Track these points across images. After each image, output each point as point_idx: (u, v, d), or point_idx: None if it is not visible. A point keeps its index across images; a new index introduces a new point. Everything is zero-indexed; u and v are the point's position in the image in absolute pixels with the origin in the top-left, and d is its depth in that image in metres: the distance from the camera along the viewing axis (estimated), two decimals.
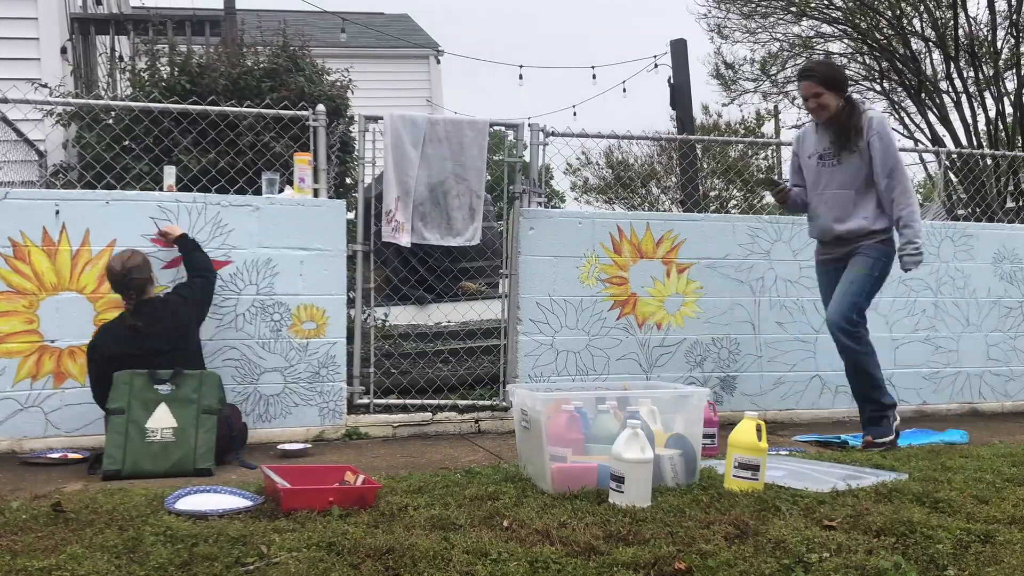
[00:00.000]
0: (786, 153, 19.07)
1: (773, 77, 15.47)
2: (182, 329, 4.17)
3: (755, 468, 3.16)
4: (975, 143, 12.74)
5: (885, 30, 13.53)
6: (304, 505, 2.80)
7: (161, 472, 3.73)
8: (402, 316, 6.03)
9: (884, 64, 13.99)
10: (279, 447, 4.38)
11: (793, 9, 14.04)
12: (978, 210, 8.02)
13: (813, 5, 13.90)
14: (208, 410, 3.95)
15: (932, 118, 13.47)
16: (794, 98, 15.77)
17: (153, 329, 4.06)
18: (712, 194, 21.15)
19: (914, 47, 13.49)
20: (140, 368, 3.94)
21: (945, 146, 12.43)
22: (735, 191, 21.97)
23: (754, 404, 5.42)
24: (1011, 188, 10.80)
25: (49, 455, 4.18)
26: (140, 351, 4.01)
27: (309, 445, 4.52)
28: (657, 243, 5.39)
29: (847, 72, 14.83)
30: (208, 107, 5.13)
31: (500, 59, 39.60)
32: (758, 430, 3.18)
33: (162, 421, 3.87)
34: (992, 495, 3.09)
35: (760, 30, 14.70)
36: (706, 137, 18.15)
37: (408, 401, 5.20)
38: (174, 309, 4.19)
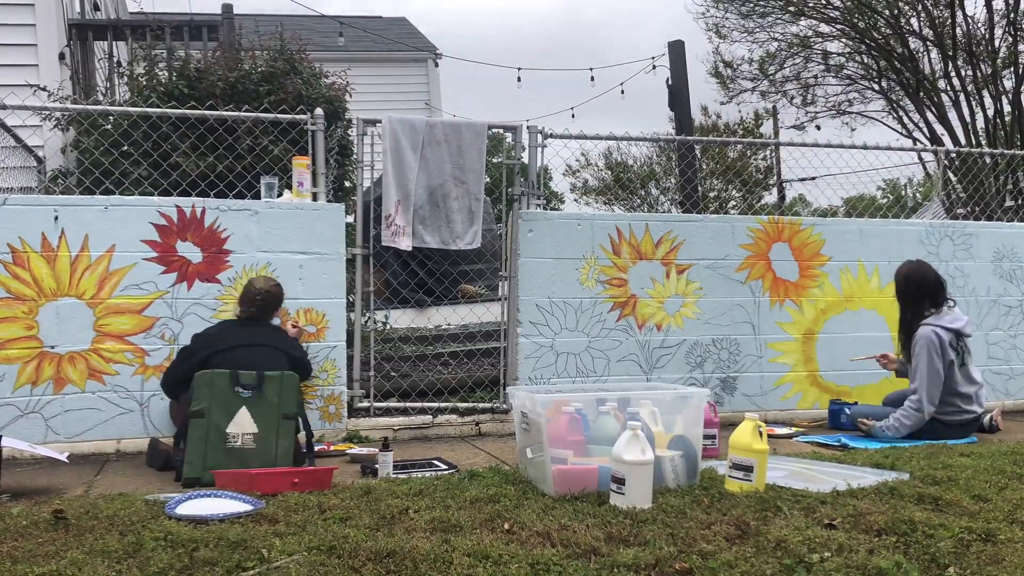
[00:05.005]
0: (784, 153, 19.06)
1: (771, 77, 15.49)
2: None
3: (748, 469, 3.17)
4: (974, 142, 12.75)
5: (883, 29, 13.55)
6: (271, 488, 3.17)
7: None
8: (402, 319, 6.02)
9: (882, 63, 14.00)
10: None
11: (791, 8, 14.06)
12: (977, 209, 8.02)
13: (811, 4, 13.92)
14: (288, 415, 3.83)
15: (930, 117, 13.49)
16: (792, 97, 15.80)
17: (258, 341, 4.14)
18: (711, 195, 21.19)
19: (912, 46, 13.51)
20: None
21: (944, 145, 12.44)
22: (734, 191, 22.01)
23: (754, 405, 5.42)
24: (1010, 187, 10.81)
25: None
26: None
27: None
28: (656, 244, 5.38)
29: (845, 72, 14.85)
30: (206, 111, 5.13)
31: (498, 61, 39.63)
32: (758, 431, 3.19)
33: (243, 426, 3.74)
34: (993, 494, 3.09)
35: (758, 29, 14.73)
36: (704, 138, 18.18)
37: (408, 404, 5.19)
38: (280, 341, 4.25)
